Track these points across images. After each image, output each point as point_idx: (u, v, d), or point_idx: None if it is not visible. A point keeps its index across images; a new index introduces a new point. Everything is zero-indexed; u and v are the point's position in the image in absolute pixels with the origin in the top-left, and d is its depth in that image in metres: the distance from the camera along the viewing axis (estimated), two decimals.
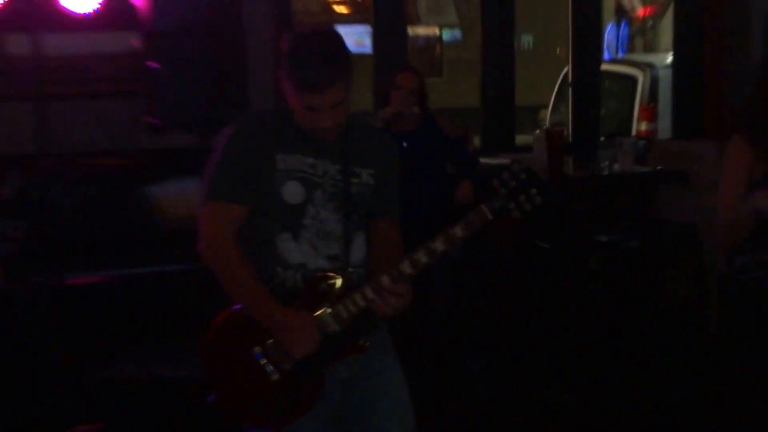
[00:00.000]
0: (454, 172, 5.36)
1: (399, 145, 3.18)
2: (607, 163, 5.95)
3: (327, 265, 2.81)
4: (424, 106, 5.29)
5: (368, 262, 2.90)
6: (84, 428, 4.22)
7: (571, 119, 7.10)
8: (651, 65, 8.31)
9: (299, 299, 2.77)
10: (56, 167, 5.60)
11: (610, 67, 8.78)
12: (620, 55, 11.45)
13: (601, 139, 6.59)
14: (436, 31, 12.79)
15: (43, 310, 4.66)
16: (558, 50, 10.58)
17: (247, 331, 2.77)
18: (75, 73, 5.89)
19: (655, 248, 5.94)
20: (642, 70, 8.28)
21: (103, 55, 5.93)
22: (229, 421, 2.88)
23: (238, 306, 2.80)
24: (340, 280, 2.79)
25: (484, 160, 6.06)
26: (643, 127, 7.05)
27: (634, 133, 7.30)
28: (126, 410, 4.34)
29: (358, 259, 2.88)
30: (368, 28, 7.21)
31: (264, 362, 2.76)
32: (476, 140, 6.98)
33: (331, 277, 2.79)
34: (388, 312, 2.77)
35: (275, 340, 2.75)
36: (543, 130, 6.51)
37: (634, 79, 8.24)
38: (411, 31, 11.98)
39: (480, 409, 5.02)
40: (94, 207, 5.42)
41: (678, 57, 7.41)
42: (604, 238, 5.83)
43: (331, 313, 2.76)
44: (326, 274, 2.79)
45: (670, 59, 7.70)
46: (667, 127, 7.54)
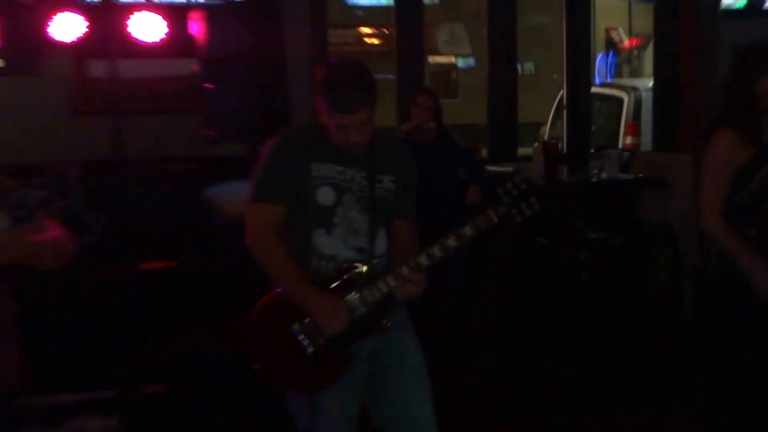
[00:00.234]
0: (464, 178, 5.36)
1: (417, 154, 3.17)
2: (596, 171, 5.92)
3: (355, 256, 2.82)
4: (439, 121, 5.28)
5: (388, 254, 2.90)
6: (152, 388, 4.27)
7: (566, 134, 7.09)
8: (635, 88, 8.28)
9: (332, 285, 2.79)
10: (130, 172, 5.68)
11: (600, 90, 8.76)
12: (609, 80, 11.43)
13: (592, 151, 6.55)
14: (452, 59, 12.82)
15: (120, 291, 4.70)
16: (555, 76, 10.56)
17: (287, 311, 2.77)
18: (145, 93, 5.99)
19: (637, 244, 5.91)
20: (627, 93, 8.25)
21: (168, 78, 6.03)
22: (272, 387, 2.90)
23: (279, 290, 2.81)
24: (366, 269, 2.80)
25: (491, 168, 6.09)
26: (629, 140, 7.04)
27: (620, 145, 7.27)
28: (184, 376, 4.37)
29: (381, 250, 2.89)
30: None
31: (301, 337, 2.78)
32: (484, 151, 7.00)
33: (358, 267, 2.80)
34: (407, 297, 2.79)
35: (311, 319, 2.76)
36: (541, 143, 6.49)
37: (621, 100, 8.22)
38: (431, 59, 12.06)
39: (486, 377, 5.09)
40: (162, 204, 5.49)
41: (658, 81, 7.38)
42: (593, 235, 5.80)
43: (358, 298, 2.77)
44: (354, 264, 2.80)
45: (652, 83, 7.67)
46: (648, 141, 7.51)
